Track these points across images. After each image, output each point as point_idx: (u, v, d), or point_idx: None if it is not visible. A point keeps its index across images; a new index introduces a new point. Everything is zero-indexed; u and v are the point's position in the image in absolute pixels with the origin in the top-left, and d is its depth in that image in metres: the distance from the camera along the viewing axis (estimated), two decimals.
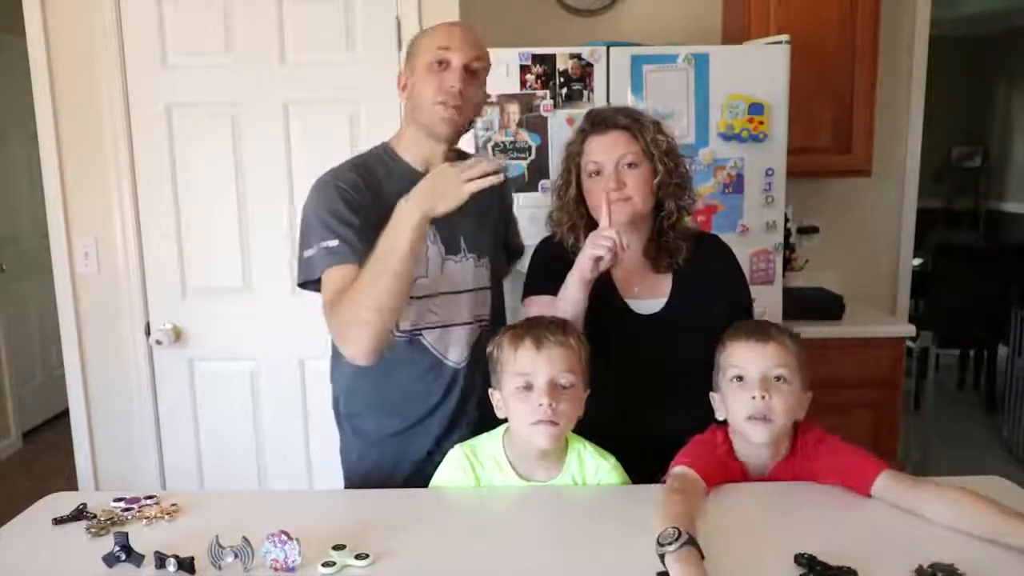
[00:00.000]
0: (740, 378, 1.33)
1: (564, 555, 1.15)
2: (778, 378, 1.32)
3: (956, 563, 1.05)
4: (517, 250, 1.81)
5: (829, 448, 1.35)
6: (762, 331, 1.36)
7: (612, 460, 1.40)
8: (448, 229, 1.52)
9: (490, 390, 1.41)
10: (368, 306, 1.33)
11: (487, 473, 1.39)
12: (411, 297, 1.46)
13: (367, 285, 1.33)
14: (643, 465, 1.39)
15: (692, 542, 1.04)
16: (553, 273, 1.53)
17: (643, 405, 1.46)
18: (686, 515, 1.14)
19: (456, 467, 1.40)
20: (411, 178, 1.48)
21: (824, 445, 1.35)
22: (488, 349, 1.42)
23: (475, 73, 1.48)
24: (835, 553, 1.08)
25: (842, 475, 1.31)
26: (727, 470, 1.34)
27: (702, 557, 1.04)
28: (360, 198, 1.45)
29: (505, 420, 1.39)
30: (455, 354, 1.54)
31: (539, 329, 1.34)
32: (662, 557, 1.04)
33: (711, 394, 1.40)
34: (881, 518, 1.23)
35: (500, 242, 1.70)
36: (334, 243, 1.41)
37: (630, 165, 1.49)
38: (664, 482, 1.32)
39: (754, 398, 1.29)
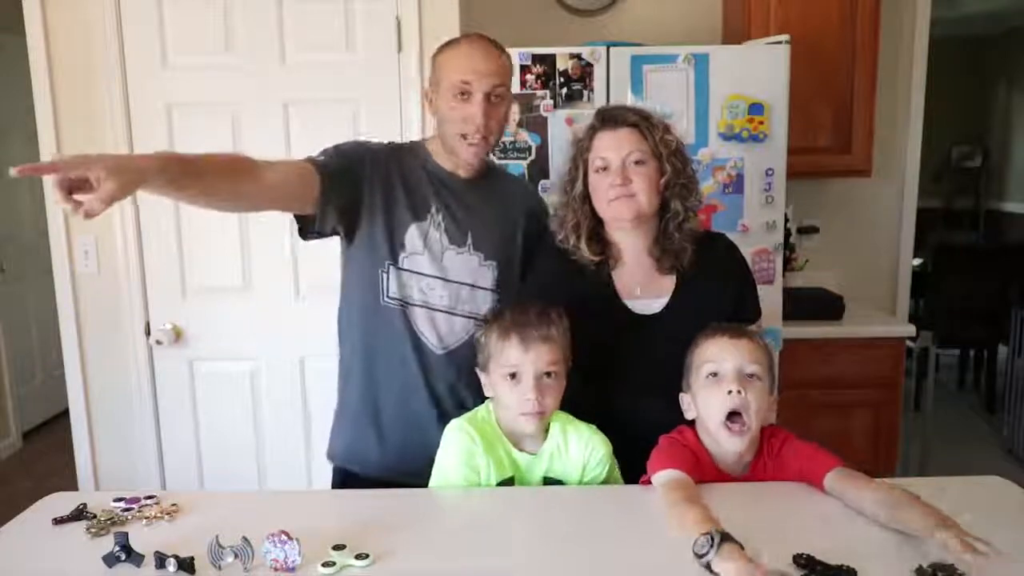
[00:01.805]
0: (715, 374, 1.33)
1: (562, 555, 1.16)
2: (751, 375, 1.32)
3: (956, 563, 1.05)
4: None
5: (793, 448, 1.36)
6: (736, 329, 1.38)
7: (593, 427, 1.43)
8: (457, 223, 1.59)
9: (477, 369, 1.46)
10: None
11: (495, 437, 1.41)
12: (400, 268, 1.56)
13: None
14: (637, 463, 1.39)
15: (727, 538, 1.05)
16: (551, 282, 1.54)
17: (639, 405, 1.46)
18: (707, 519, 1.14)
19: (462, 436, 1.39)
20: (432, 171, 1.61)
21: (789, 445, 1.37)
22: (476, 335, 1.48)
23: (497, 97, 1.53)
24: (835, 553, 1.08)
25: (802, 473, 1.33)
26: (702, 470, 1.34)
27: (741, 547, 1.05)
28: (375, 158, 1.57)
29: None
30: (435, 339, 1.58)
31: (526, 327, 1.37)
32: (707, 566, 1.04)
33: (680, 395, 1.41)
34: None
35: (519, 251, 1.68)
36: (320, 158, 1.53)
37: (637, 163, 1.48)
38: (644, 483, 1.34)
39: (730, 392, 1.30)
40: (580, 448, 1.41)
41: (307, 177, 1.48)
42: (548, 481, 1.42)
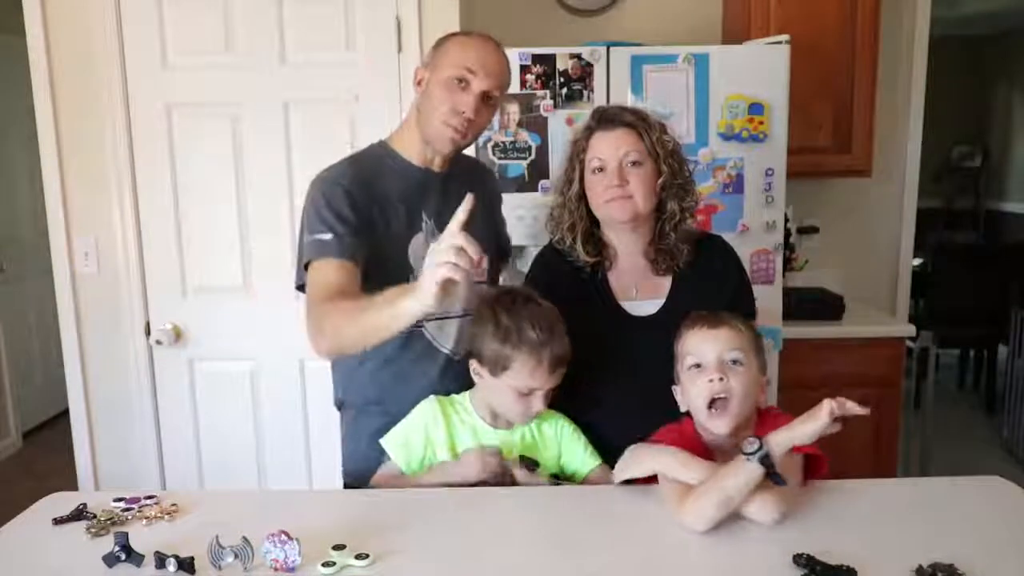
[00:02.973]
0: (697, 365, 1.34)
1: (562, 555, 1.15)
2: (734, 361, 1.32)
3: (956, 563, 1.06)
4: (506, 250, 1.85)
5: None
6: (714, 317, 1.37)
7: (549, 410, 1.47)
8: (444, 223, 1.52)
9: (473, 361, 1.43)
10: (338, 336, 1.36)
11: (458, 418, 1.46)
12: None
13: (348, 321, 1.32)
14: None
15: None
16: (548, 283, 1.54)
17: (636, 407, 1.45)
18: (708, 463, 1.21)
19: (427, 412, 1.45)
20: (409, 175, 1.55)
21: (782, 420, 1.37)
22: (472, 330, 1.44)
23: (491, 99, 1.50)
24: (835, 553, 1.08)
25: None
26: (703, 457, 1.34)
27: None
28: (360, 193, 1.48)
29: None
30: (450, 343, 1.57)
31: (550, 348, 1.36)
32: (765, 459, 1.14)
33: (673, 387, 1.41)
34: (881, 518, 1.23)
35: (495, 241, 1.72)
36: (327, 236, 1.43)
37: (634, 163, 1.48)
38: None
39: (711, 381, 1.30)
40: (551, 429, 1.47)
41: (345, 276, 1.41)
42: (524, 460, 1.44)
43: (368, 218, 1.48)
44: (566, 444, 1.47)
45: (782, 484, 1.16)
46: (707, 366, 1.32)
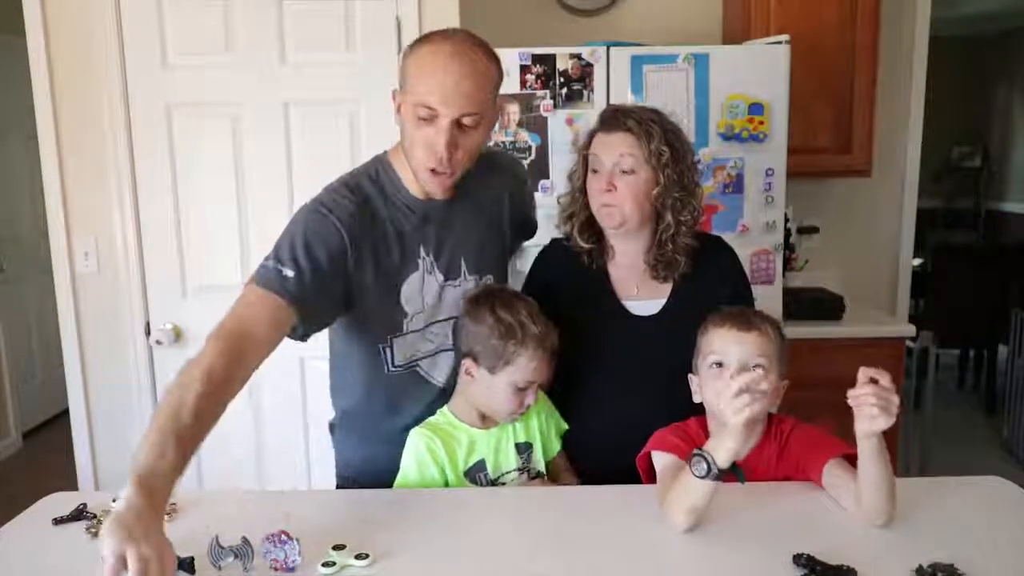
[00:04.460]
0: (719, 364, 1.33)
1: (563, 554, 1.15)
2: (757, 366, 1.32)
3: (956, 563, 1.05)
4: (531, 228, 1.73)
5: (800, 432, 1.38)
6: (745, 319, 1.35)
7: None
8: (449, 254, 1.46)
9: (467, 359, 1.42)
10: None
11: (449, 433, 1.44)
12: (407, 332, 1.44)
13: (178, 389, 1.29)
14: (627, 461, 1.40)
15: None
16: (554, 279, 1.54)
17: (637, 406, 1.45)
18: None
19: (425, 441, 1.43)
20: (406, 206, 1.42)
21: (796, 431, 1.38)
22: (462, 323, 1.43)
23: (470, 126, 1.31)
24: (835, 553, 1.08)
25: (803, 460, 1.34)
26: None
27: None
28: (348, 229, 1.36)
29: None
30: (443, 377, 1.50)
31: (543, 342, 1.38)
32: (719, 474, 1.13)
33: (689, 375, 1.40)
34: None
35: (507, 248, 1.64)
36: (289, 273, 1.33)
37: (624, 170, 1.45)
38: (643, 463, 1.37)
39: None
40: (535, 412, 1.49)
41: (281, 317, 1.34)
42: (520, 447, 1.46)
43: (355, 261, 1.36)
44: (544, 417, 1.50)
45: (743, 482, 1.16)
46: (729, 367, 1.32)
